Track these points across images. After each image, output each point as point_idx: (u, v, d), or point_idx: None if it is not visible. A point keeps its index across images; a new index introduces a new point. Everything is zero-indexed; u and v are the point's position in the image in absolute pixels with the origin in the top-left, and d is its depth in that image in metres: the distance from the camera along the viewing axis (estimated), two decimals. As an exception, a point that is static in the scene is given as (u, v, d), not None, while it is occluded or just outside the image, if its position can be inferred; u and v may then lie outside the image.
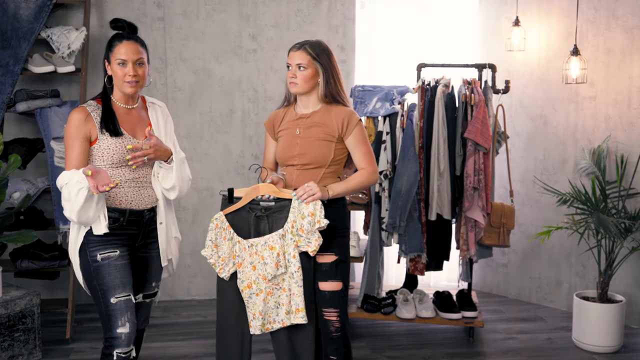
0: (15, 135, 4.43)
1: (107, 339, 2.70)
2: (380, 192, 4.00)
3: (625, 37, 4.26)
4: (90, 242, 2.68)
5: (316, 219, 2.73)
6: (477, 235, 3.96)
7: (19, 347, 3.68)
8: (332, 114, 2.87)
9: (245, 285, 2.81)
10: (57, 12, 4.41)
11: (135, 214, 2.76)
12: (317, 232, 2.74)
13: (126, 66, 2.71)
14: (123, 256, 2.72)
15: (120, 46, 2.72)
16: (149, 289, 2.93)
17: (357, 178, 2.87)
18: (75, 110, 2.72)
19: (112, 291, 2.67)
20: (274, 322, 2.83)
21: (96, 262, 2.67)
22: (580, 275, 4.56)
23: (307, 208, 2.74)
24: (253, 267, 2.80)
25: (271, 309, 2.82)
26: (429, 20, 4.87)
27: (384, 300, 4.14)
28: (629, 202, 4.22)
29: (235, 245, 2.82)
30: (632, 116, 4.26)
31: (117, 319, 2.67)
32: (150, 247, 2.87)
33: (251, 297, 2.81)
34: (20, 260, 4.08)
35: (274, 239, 2.78)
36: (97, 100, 2.78)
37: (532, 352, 3.96)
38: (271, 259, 2.77)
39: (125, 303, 2.69)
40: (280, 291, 2.81)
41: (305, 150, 2.87)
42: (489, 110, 3.95)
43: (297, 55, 2.84)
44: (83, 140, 2.68)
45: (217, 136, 4.74)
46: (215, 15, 4.68)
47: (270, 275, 2.78)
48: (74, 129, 2.68)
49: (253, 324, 2.83)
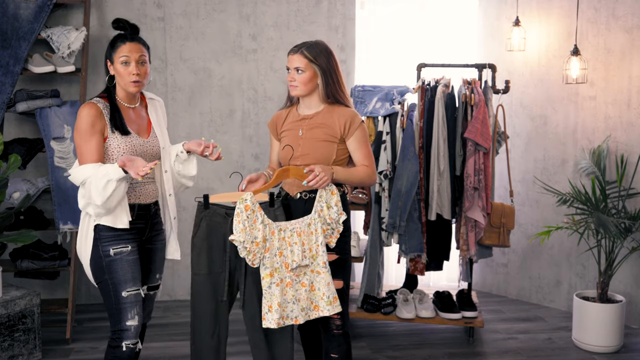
0: (15, 135, 4.43)
1: (115, 332, 2.77)
2: (380, 192, 4.00)
3: (625, 37, 4.26)
4: (102, 238, 2.73)
5: (340, 210, 2.78)
6: (477, 235, 3.96)
7: (19, 347, 3.68)
8: (335, 115, 2.88)
9: (268, 273, 2.71)
10: (57, 12, 4.42)
11: (143, 208, 2.83)
12: (340, 223, 2.79)
13: (130, 65, 2.76)
14: (134, 251, 2.78)
15: (123, 47, 2.75)
16: (153, 280, 2.99)
17: (359, 171, 2.88)
18: (87, 106, 2.74)
19: (123, 285, 2.74)
20: (287, 317, 2.75)
21: (109, 257, 2.73)
22: (580, 275, 4.56)
23: (333, 198, 2.77)
24: (280, 252, 2.74)
25: (287, 302, 2.74)
26: (429, 20, 4.87)
27: (384, 300, 4.14)
28: (629, 202, 4.22)
29: (266, 228, 2.73)
30: (632, 116, 4.26)
31: (127, 312, 2.75)
32: (154, 240, 2.94)
33: (270, 286, 2.72)
34: (20, 260, 4.08)
35: (301, 226, 2.77)
36: (103, 98, 2.80)
37: (532, 352, 3.96)
38: (298, 247, 2.74)
39: (135, 297, 2.77)
40: (298, 285, 2.76)
41: (307, 151, 2.87)
42: (489, 110, 3.95)
43: (295, 58, 2.84)
44: (99, 135, 2.71)
45: (217, 136, 4.74)
46: (215, 15, 4.68)
47: (294, 264, 2.72)
48: (88, 124, 2.69)
49: (268, 317, 2.72)
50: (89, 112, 2.71)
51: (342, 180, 2.85)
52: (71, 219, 4.05)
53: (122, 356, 2.75)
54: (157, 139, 2.89)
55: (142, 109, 2.91)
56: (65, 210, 4.06)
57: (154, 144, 2.87)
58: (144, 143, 2.82)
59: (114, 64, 2.77)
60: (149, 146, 2.84)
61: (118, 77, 2.78)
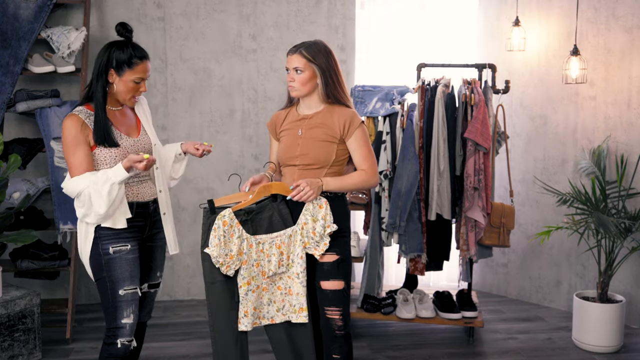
0: (15, 135, 4.43)
1: (110, 329, 2.79)
2: (380, 192, 4.00)
3: (625, 37, 4.26)
4: (102, 236, 2.75)
5: (327, 223, 2.78)
6: (477, 235, 3.96)
7: (19, 347, 3.68)
8: (335, 115, 2.88)
9: (246, 282, 2.80)
10: (57, 12, 4.41)
11: (142, 206, 2.84)
12: (327, 236, 2.80)
13: (141, 84, 2.79)
14: (133, 250, 2.80)
15: (142, 66, 2.76)
16: (154, 278, 3.00)
17: (353, 177, 2.87)
18: (68, 118, 2.73)
19: (121, 283, 2.75)
20: (264, 317, 2.85)
21: (108, 255, 2.75)
22: (580, 275, 4.56)
23: (320, 212, 2.77)
24: (257, 264, 2.81)
25: (263, 304, 2.84)
26: (429, 20, 4.87)
27: (384, 300, 4.14)
28: (629, 202, 4.22)
29: (243, 242, 2.80)
30: (632, 116, 4.26)
31: (123, 310, 2.77)
32: (155, 238, 2.96)
33: (247, 294, 2.81)
34: (20, 260, 4.08)
35: (282, 238, 2.80)
36: (86, 107, 2.78)
37: (532, 352, 3.96)
38: (275, 258, 2.80)
39: (132, 295, 2.78)
40: (274, 288, 2.84)
41: (307, 151, 2.87)
42: (489, 110, 3.95)
43: (294, 58, 2.83)
44: (85, 145, 2.72)
45: (217, 136, 4.74)
46: (215, 15, 4.68)
47: (270, 272, 2.80)
48: (73, 136, 2.70)
49: (243, 321, 2.80)
50: (71, 125, 2.71)
51: (335, 190, 2.85)
52: (71, 219, 4.04)
53: (117, 353, 2.77)
54: (147, 137, 2.89)
55: (127, 108, 2.91)
56: (65, 210, 4.06)
57: (145, 141, 2.87)
58: (134, 143, 2.82)
59: (123, 77, 2.75)
60: (141, 145, 2.84)
61: (122, 90, 2.78)
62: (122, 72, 2.75)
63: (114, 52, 2.75)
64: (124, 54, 2.74)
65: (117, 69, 2.75)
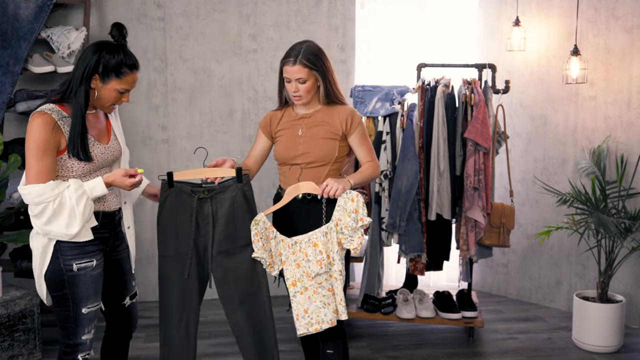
0: (15, 135, 4.43)
1: (69, 345, 2.62)
2: (380, 192, 4.00)
3: (625, 37, 4.26)
4: (64, 250, 2.52)
5: (359, 216, 2.73)
6: (477, 235, 3.96)
7: (19, 347, 3.68)
8: (334, 112, 2.90)
9: (290, 283, 2.78)
10: (57, 12, 4.41)
11: (108, 216, 2.66)
12: (360, 229, 2.74)
13: (125, 95, 2.60)
14: (99, 265, 2.61)
15: (131, 76, 2.57)
16: (131, 289, 2.87)
17: (368, 169, 2.93)
18: (41, 117, 2.46)
19: (85, 301, 2.58)
20: (323, 322, 2.76)
21: (71, 272, 2.53)
22: (580, 275, 4.56)
23: (351, 205, 2.73)
24: (297, 264, 2.79)
25: (319, 308, 2.76)
26: (429, 20, 4.87)
27: (384, 300, 4.14)
28: (629, 202, 4.22)
29: (279, 243, 2.80)
30: (632, 116, 4.26)
31: (84, 327, 2.61)
32: (118, 249, 2.78)
33: (295, 295, 2.78)
34: (20, 260, 4.07)
35: (317, 236, 2.77)
36: (60, 106, 2.53)
37: (532, 352, 3.96)
38: (314, 257, 2.76)
39: (95, 312, 2.64)
40: (325, 290, 2.78)
41: (309, 149, 2.88)
42: (489, 110, 3.95)
43: (295, 70, 2.80)
44: (54, 151, 2.48)
45: (217, 136, 4.74)
46: (215, 15, 4.68)
47: (313, 273, 2.76)
48: (43, 139, 2.44)
49: (297, 324, 2.77)
50: (43, 126, 2.45)
51: (359, 184, 2.89)
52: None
53: None
54: (117, 143, 2.71)
55: (100, 112, 2.69)
56: (65, 210, 4.04)
57: (114, 148, 2.68)
58: (104, 150, 2.63)
59: (108, 85, 2.54)
60: (110, 152, 2.66)
61: (103, 97, 2.58)
62: (107, 79, 2.54)
63: (104, 56, 2.51)
64: (114, 59, 2.52)
65: (103, 75, 2.53)
